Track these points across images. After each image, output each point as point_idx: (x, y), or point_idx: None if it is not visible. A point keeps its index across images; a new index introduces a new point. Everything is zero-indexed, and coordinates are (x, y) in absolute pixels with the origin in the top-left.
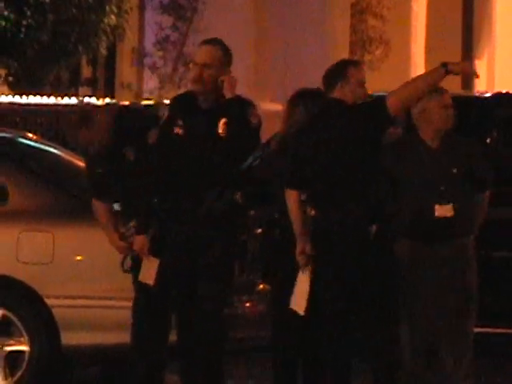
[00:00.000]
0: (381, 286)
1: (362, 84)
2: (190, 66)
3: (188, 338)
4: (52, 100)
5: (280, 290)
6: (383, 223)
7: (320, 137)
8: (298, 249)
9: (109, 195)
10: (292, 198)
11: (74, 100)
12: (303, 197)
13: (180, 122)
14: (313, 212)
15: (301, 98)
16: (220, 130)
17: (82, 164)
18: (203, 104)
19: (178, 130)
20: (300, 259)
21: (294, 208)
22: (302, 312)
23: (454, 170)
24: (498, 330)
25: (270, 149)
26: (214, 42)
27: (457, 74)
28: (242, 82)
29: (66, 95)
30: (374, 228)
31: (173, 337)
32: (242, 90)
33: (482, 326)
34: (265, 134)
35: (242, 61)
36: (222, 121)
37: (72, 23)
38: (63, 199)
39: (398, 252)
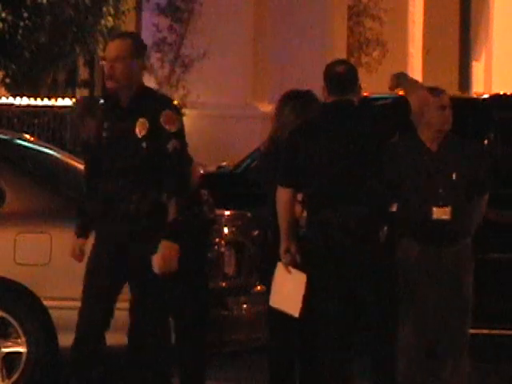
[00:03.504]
0: (382, 288)
1: None
2: (103, 63)
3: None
4: (49, 101)
5: None
6: (389, 225)
7: (323, 136)
8: (283, 247)
9: None
10: (283, 195)
11: (70, 101)
12: (299, 197)
13: (105, 125)
14: (304, 213)
15: (288, 100)
16: (137, 131)
17: (79, 165)
18: (122, 103)
19: (105, 134)
20: (284, 258)
21: (283, 206)
22: (296, 314)
23: (453, 173)
24: (494, 332)
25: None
26: (125, 35)
27: None
28: (240, 84)
29: (62, 97)
30: (385, 230)
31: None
32: (240, 92)
33: (478, 328)
34: (264, 136)
35: (239, 63)
36: (140, 121)
37: (69, 25)
38: (60, 201)
39: (401, 253)
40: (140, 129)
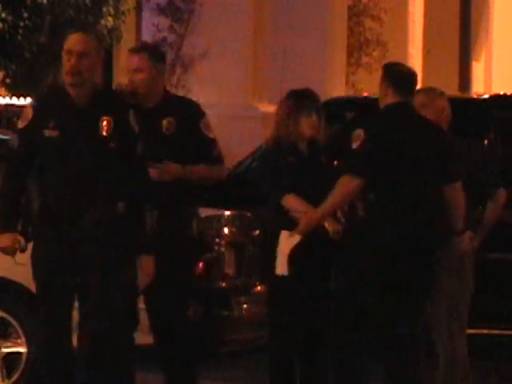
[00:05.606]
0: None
1: None
2: (64, 55)
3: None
4: None
5: (276, 291)
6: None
7: (402, 140)
8: (315, 218)
9: None
10: (351, 183)
11: None
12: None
13: (52, 124)
14: (334, 227)
15: (287, 99)
16: (102, 131)
17: None
18: (78, 101)
19: (51, 133)
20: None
21: (345, 193)
22: (286, 272)
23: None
24: (494, 332)
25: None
26: (86, 30)
27: None
28: (240, 84)
29: None
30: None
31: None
32: (240, 92)
33: (478, 328)
34: (264, 136)
35: (239, 63)
36: (105, 119)
37: (69, 25)
38: None
39: None
40: (106, 128)
